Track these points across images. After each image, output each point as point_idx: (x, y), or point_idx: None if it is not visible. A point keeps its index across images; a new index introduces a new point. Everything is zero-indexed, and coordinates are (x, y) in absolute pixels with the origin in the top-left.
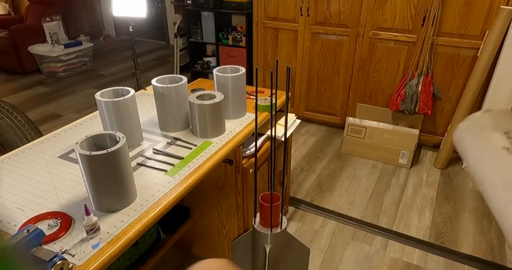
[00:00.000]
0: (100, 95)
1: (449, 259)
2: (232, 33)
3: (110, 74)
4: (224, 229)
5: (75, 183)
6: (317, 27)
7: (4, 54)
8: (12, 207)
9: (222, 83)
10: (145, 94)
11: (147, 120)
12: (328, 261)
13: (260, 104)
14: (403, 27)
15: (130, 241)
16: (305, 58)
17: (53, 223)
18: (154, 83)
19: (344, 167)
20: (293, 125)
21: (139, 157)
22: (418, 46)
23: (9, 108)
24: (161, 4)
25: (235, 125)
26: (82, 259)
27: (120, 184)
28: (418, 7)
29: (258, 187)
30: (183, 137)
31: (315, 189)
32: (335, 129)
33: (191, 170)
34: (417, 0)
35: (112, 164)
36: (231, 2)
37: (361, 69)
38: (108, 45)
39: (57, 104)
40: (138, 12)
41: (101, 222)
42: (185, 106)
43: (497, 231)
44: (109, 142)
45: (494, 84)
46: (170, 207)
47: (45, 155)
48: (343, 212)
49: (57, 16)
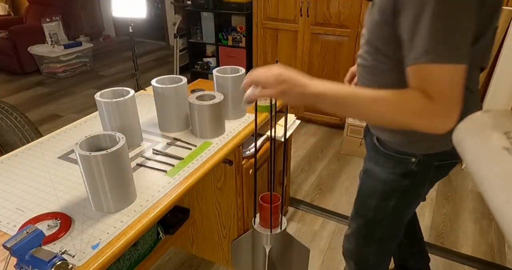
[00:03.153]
0: (100, 95)
1: (448, 260)
2: (232, 34)
3: (110, 74)
4: (224, 230)
5: (75, 183)
6: (317, 27)
7: (4, 54)
8: (11, 208)
9: (221, 83)
10: (145, 94)
11: (146, 121)
12: (328, 262)
13: (259, 105)
14: None
15: (130, 242)
16: (305, 59)
17: (53, 224)
18: (154, 83)
19: (344, 168)
20: (293, 125)
21: (139, 157)
22: None
23: (8, 109)
24: (160, 5)
25: (235, 126)
26: (81, 259)
27: (120, 184)
28: None
29: (258, 187)
30: (183, 137)
31: (315, 189)
32: (335, 130)
33: (191, 171)
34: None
35: (112, 164)
36: (231, 3)
37: None
38: (108, 46)
39: (57, 105)
40: (137, 12)
41: (101, 223)
42: (185, 107)
43: (497, 231)
44: (109, 142)
45: (494, 84)
46: (170, 208)
47: (44, 156)
48: (343, 212)
49: (56, 16)
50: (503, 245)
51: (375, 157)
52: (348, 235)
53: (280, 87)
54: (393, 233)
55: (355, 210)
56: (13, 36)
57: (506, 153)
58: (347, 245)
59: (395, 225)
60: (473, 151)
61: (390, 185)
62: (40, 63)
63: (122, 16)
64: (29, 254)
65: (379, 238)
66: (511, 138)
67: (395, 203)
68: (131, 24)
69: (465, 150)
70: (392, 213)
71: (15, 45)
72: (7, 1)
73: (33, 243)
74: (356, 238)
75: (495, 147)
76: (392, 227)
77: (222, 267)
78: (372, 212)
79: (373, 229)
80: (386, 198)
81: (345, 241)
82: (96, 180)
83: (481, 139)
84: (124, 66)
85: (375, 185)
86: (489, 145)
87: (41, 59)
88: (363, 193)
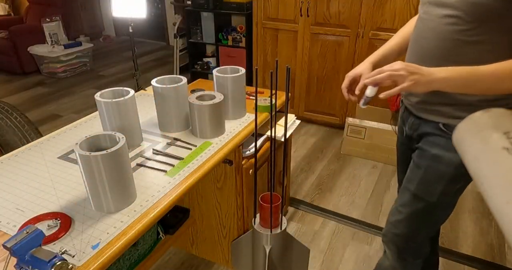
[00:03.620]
0: (100, 95)
1: (448, 260)
2: (232, 34)
3: (110, 74)
4: (224, 230)
5: (75, 183)
6: (317, 27)
7: (4, 54)
8: (11, 208)
9: (221, 83)
10: (145, 94)
11: (146, 121)
12: (328, 262)
13: (260, 105)
14: None
15: (129, 242)
16: (305, 59)
17: (53, 224)
18: (153, 83)
19: (344, 168)
20: (293, 126)
21: (139, 157)
22: None
23: (8, 109)
24: (160, 5)
25: (235, 126)
26: (81, 259)
27: (119, 184)
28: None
29: (258, 187)
30: (183, 137)
31: (315, 189)
32: (335, 130)
33: (191, 171)
34: (417, 1)
35: (112, 164)
36: (231, 3)
37: None
38: (108, 46)
39: (57, 105)
40: (137, 12)
41: (101, 223)
42: (185, 107)
43: (497, 231)
44: (109, 142)
45: None
46: (170, 208)
47: (44, 156)
48: (343, 212)
49: (56, 16)
50: (503, 245)
51: (446, 143)
52: (399, 220)
53: (412, 78)
54: (449, 214)
55: (412, 196)
56: (13, 36)
57: (506, 153)
58: (396, 231)
59: (453, 205)
60: (473, 151)
61: (462, 169)
62: (40, 63)
63: (122, 16)
64: (29, 254)
65: (435, 221)
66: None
67: (462, 185)
68: (131, 24)
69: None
70: (454, 195)
71: (15, 45)
72: (7, 1)
73: (33, 243)
74: (411, 223)
75: (495, 147)
76: (451, 208)
77: (222, 267)
78: (437, 196)
79: (432, 212)
80: (456, 181)
81: (393, 227)
82: (96, 180)
83: (481, 139)
84: (124, 66)
85: (446, 169)
86: (489, 145)
87: (41, 59)
88: (429, 178)
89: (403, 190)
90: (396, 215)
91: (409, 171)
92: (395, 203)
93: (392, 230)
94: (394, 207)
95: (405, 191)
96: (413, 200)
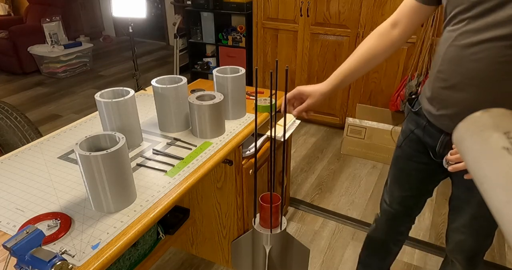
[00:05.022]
0: (100, 96)
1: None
2: (232, 34)
3: (110, 74)
4: (224, 230)
5: (75, 183)
6: (317, 27)
7: (4, 55)
8: (11, 208)
9: (221, 83)
10: (145, 95)
11: (146, 121)
12: (328, 262)
13: (259, 105)
14: None
15: (130, 242)
16: (305, 59)
17: (53, 224)
18: (153, 84)
19: (344, 168)
20: (293, 126)
21: (139, 157)
22: (417, 46)
23: (8, 109)
24: (160, 5)
25: (235, 126)
26: (81, 259)
27: (119, 184)
28: None
29: (258, 187)
30: (183, 137)
31: (315, 189)
32: (335, 130)
33: (191, 171)
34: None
35: (112, 164)
36: (231, 3)
37: None
38: (108, 46)
39: (57, 105)
40: (137, 12)
41: (101, 223)
42: (185, 107)
43: (497, 231)
44: (109, 142)
45: None
46: (170, 208)
47: (44, 156)
48: (343, 212)
49: (56, 16)
50: (503, 245)
51: None
52: (463, 240)
53: None
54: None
55: (472, 216)
56: (13, 36)
57: (506, 152)
58: (463, 248)
59: None
60: (473, 151)
61: None
62: (40, 63)
63: (122, 16)
64: (29, 254)
65: (496, 226)
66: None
67: None
68: (131, 24)
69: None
70: None
71: (15, 45)
72: (7, 1)
73: (33, 243)
74: (477, 238)
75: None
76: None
77: (222, 267)
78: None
79: (494, 222)
80: None
81: (459, 246)
82: (96, 180)
83: (481, 138)
84: (124, 66)
85: None
86: (489, 145)
87: (41, 59)
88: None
89: (459, 210)
90: (459, 234)
91: (457, 190)
92: (452, 222)
93: (459, 248)
94: (453, 227)
95: (463, 213)
96: (475, 219)
